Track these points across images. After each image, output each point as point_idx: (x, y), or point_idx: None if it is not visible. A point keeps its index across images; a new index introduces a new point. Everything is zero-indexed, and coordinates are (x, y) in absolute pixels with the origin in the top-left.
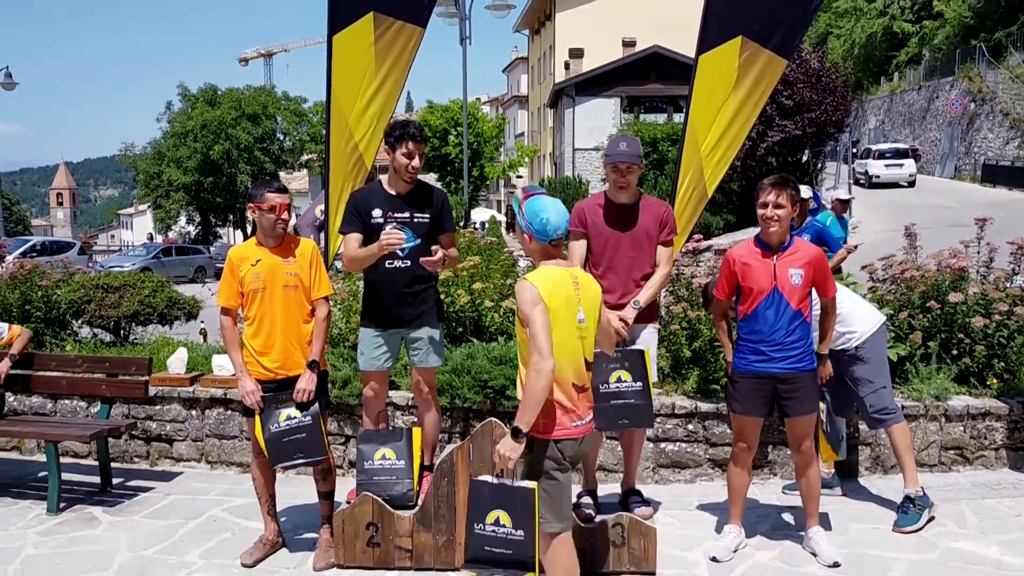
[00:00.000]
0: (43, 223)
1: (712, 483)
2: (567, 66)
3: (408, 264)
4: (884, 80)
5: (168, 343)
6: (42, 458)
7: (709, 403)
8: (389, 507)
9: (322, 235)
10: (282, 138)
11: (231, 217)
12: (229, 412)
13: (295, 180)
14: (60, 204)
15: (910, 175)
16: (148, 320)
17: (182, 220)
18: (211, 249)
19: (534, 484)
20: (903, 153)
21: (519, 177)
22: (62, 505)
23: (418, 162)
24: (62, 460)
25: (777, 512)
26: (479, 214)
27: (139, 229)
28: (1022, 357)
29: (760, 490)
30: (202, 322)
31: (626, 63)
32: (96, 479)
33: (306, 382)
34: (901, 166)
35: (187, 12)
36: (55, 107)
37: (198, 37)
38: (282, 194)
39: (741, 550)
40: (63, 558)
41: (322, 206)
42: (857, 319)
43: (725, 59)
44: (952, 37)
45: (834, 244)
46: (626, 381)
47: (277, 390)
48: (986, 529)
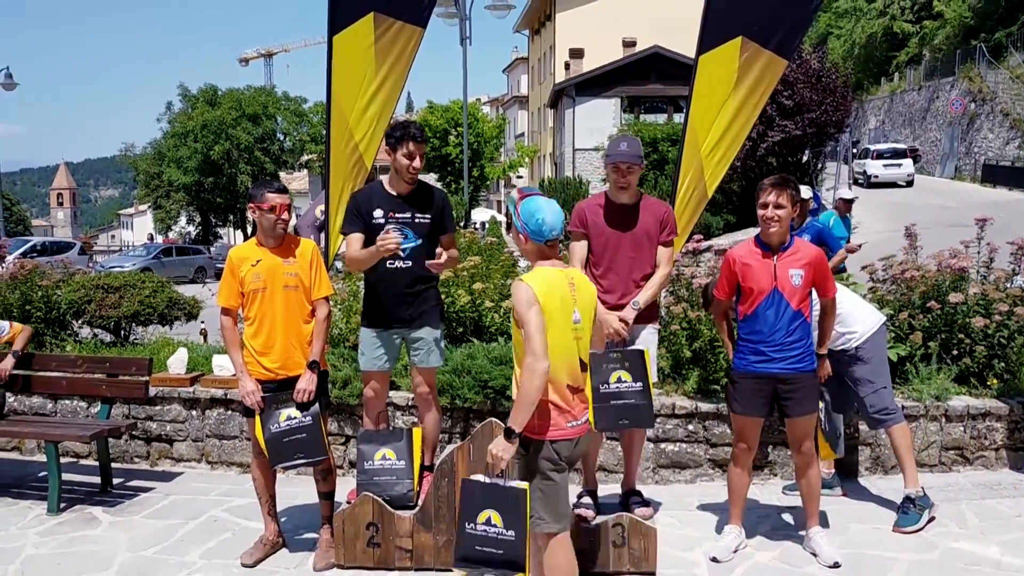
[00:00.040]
0: (43, 223)
1: (712, 483)
2: (567, 66)
3: (409, 264)
4: (884, 80)
5: (168, 343)
6: (42, 458)
7: (709, 403)
8: (389, 507)
9: (322, 235)
10: (282, 138)
11: (231, 217)
12: (229, 412)
13: (295, 180)
14: (60, 204)
15: (908, 175)
16: (148, 320)
17: (182, 220)
18: (211, 249)
19: (526, 485)
20: (901, 153)
21: (519, 177)
22: (62, 505)
23: (419, 163)
24: (62, 460)
25: (777, 512)
26: (479, 214)
27: (139, 229)
28: (1022, 357)
29: (760, 490)
30: (202, 322)
31: (626, 63)
32: (96, 479)
33: (306, 382)
34: (899, 166)
35: (187, 12)
36: (55, 107)
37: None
38: (282, 194)
39: (741, 550)
40: (63, 558)
41: (322, 206)
42: (857, 319)
43: (725, 59)
44: (952, 37)
45: (834, 244)
46: (626, 381)
47: (277, 390)
48: (986, 529)
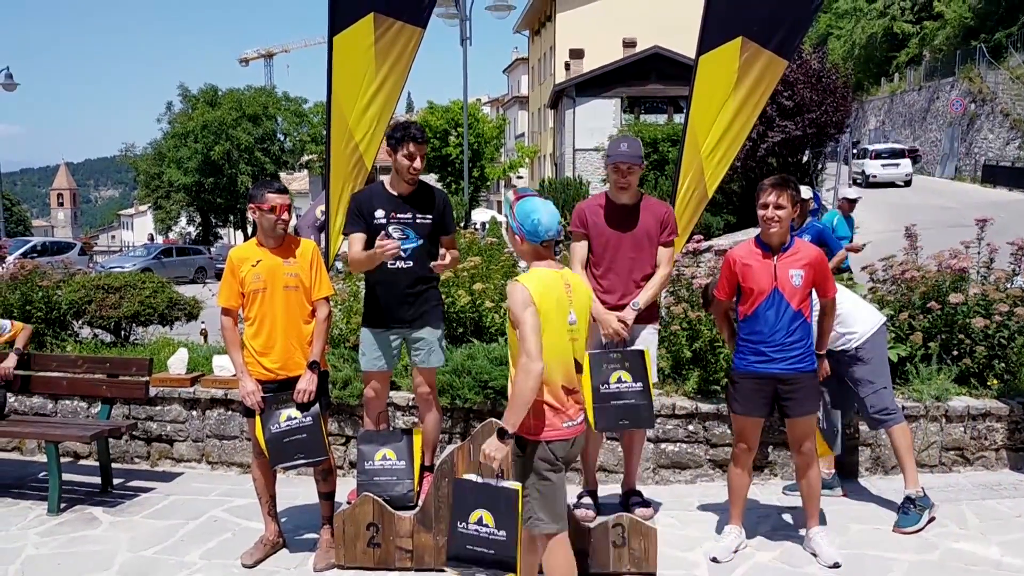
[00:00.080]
0: (44, 224)
1: (712, 484)
2: (567, 67)
3: (411, 265)
4: (884, 81)
5: (169, 344)
6: (43, 459)
7: (709, 404)
8: (390, 508)
9: (322, 236)
10: (282, 139)
11: (231, 218)
12: (230, 412)
13: (295, 181)
14: (61, 205)
15: (906, 175)
16: (149, 321)
17: (182, 221)
18: (211, 250)
19: (518, 485)
20: (899, 153)
21: (519, 178)
22: (63, 505)
23: (419, 163)
24: (63, 460)
25: (778, 513)
26: (479, 215)
27: (140, 230)
28: (1022, 358)
29: (760, 491)
30: (203, 323)
31: (626, 64)
32: (97, 479)
33: (306, 383)
34: (897, 166)
35: (187, 12)
36: (55, 107)
37: (198, 37)
38: (282, 195)
39: (741, 551)
40: (64, 558)
41: (323, 207)
42: (857, 320)
43: (725, 60)
44: (952, 38)
45: (834, 245)
46: (626, 381)
47: (278, 390)
48: (986, 530)
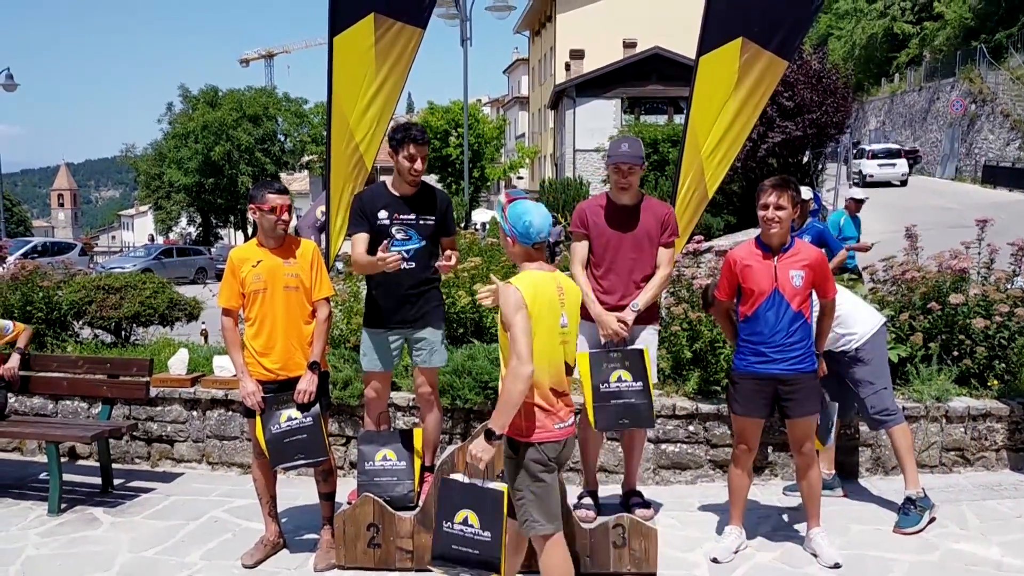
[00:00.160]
0: (44, 224)
1: (713, 484)
2: (568, 67)
3: (413, 266)
4: (885, 81)
5: (169, 344)
6: (43, 459)
7: (710, 404)
8: (390, 508)
9: (323, 236)
10: (283, 139)
11: (232, 218)
12: (230, 413)
13: (296, 181)
14: (61, 205)
15: (902, 175)
16: (149, 321)
17: (183, 221)
18: (212, 250)
19: (504, 486)
20: (895, 153)
21: (520, 178)
22: (63, 506)
23: (420, 165)
24: (63, 461)
25: (778, 513)
26: (480, 215)
27: (140, 230)
28: (1023, 358)
29: (761, 491)
30: (203, 323)
31: (627, 64)
32: (97, 480)
33: (307, 383)
34: (894, 166)
35: (188, 13)
36: (56, 108)
37: (199, 38)
38: (283, 195)
39: (742, 551)
40: (64, 559)
41: (323, 207)
42: (857, 321)
43: (726, 60)
44: (953, 38)
45: (835, 245)
46: (626, 381)
47: (278, 391)
48: (987, 530)
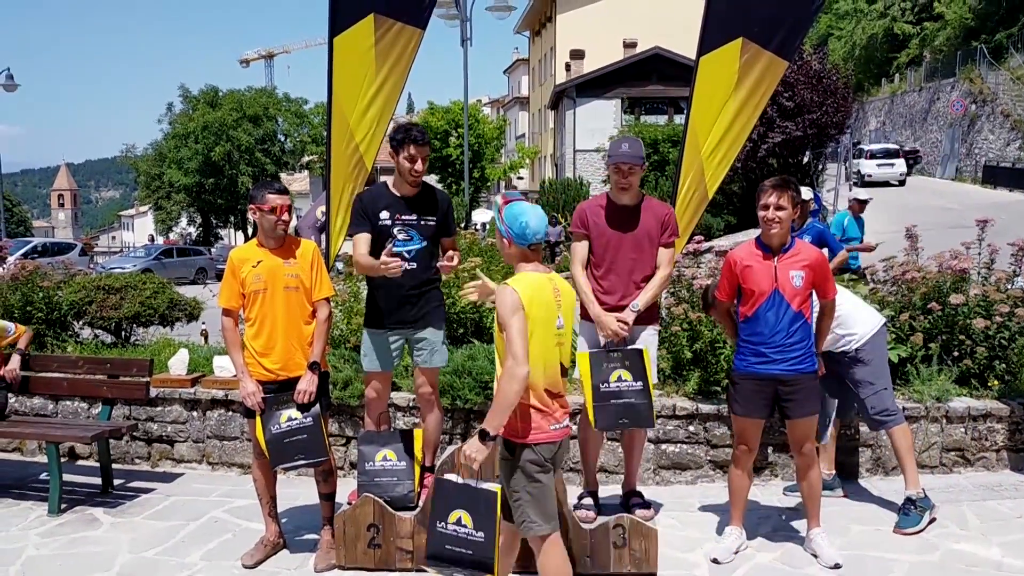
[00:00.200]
0: (44, 224)
1: (713, 485)
2: (568, 67)
3: (415, 266)
4: (885, 81)
5: (169, 344)
6: (43, 459)
7: (710, 405)
8: (390, 508)
9: (323, 236)
10: (283, 139)
11: (232, 218)
12: (230, 413)
13: (296, 181)
14: (61, 205)
15: (900, 174)
16: (149, 321)
17: (183, 221)
18: (212, 250)
19: (497, 487)
20: (893, 153)
21: (520, 179)
22: (63, 506)
23: (420, 165)
24: (63, 461)
25: (778, 514)
26: (480, 215)
27: (140, 230)
28: (1023, 358)
29: (761, 492)
30: (203, 323)
31: (627, 64)
32: (97, 480)
33: (307, 383)
34: (892, 165)
35: (188, 13)
36: (56, 108)
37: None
38: (283, 195)
39: (742, 551)
40: (64, 559)
41: (323, 207)
42: (857, 321)
43: (726, 61)
44: (953, 38)
45: (835, 246)
46: (626, 380)
47: (278, 391)
48: (987, 531)
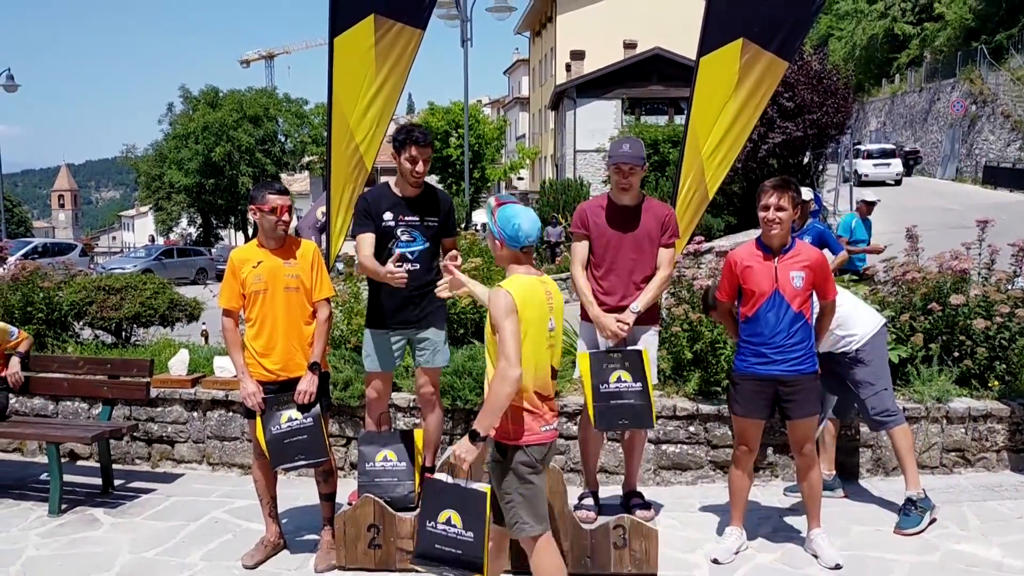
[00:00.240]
0: (44, 225)
1: (713, 485)
2: (568, 68)
3: (418, 267)
4: (885, 82)
5: (169, 345)
6: (44, 460)
7: (710, 405)
8: (391, 509)
9: (323, 237)
10: (283, 140)
11: (232, 219)
12: (230, 414)
13: (296, 182)
14: (62, 206)
15: (896, 174)
16: (149, 322)
17: (183, 222)
18: (212, 251)
19: (487, 487)
20: (890, 153)
21: (520, 179)
22: (64, 507)
23: (422, 166)
24: (64, 462)
25: (778, 514)
26: (480, 216)
27: (140, 231)
28: (1023, 359)
29: (761, 492)
30: (203, 324)
31: (627, 65)
32: (97, 481)
33: (307, 384)
34: (888, 165)
35: (188, 13)
36: (56, 108)
37: (199, 38)
38: (283, 196)
39: (742, 552)
40: (64, 560)
41: (323, 208)
42: (857, 322)
43: (726, 61)
44: (953, 39)
45: (835, 247)
46: (626, 381)
47: (278, 392)
48: (987, 531)
